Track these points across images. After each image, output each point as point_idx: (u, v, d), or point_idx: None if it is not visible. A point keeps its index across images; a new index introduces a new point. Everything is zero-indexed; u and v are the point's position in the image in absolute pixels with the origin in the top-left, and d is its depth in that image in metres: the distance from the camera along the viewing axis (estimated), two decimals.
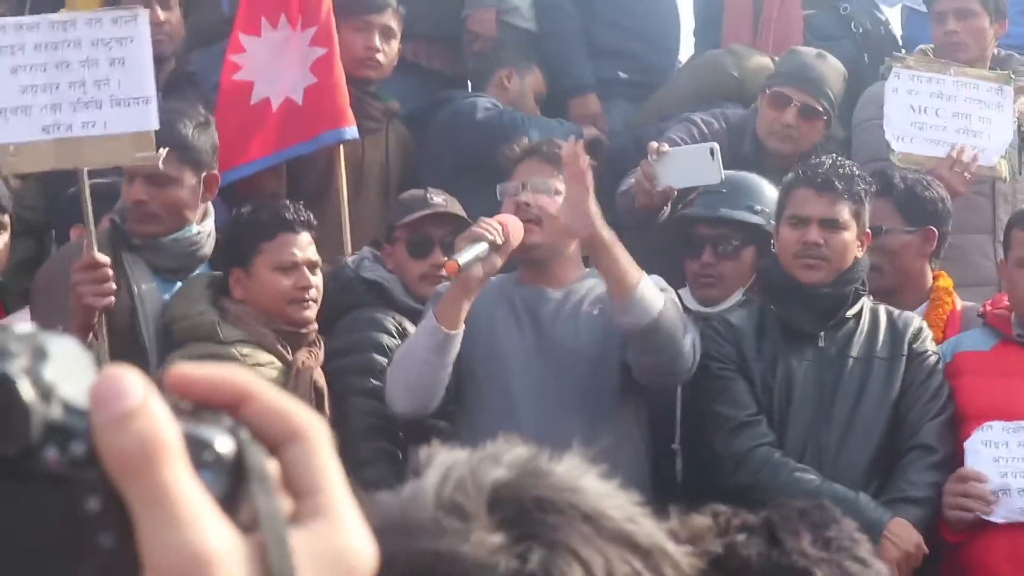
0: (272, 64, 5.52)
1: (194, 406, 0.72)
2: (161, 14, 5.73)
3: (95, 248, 4.48)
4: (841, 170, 4.74)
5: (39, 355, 0.70)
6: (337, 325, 4.83)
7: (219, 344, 4.48)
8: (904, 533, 4.50)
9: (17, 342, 0.70)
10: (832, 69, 5.78)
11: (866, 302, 4.76)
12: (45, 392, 0.69)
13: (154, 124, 4.50)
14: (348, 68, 5.60)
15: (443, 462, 1.03)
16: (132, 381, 0.70)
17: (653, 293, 4.34)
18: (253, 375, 0.75)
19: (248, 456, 0.72)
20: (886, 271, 5.08)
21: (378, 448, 4.66)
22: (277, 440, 0.73)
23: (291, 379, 4.48)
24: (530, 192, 4.55)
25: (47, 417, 0.69)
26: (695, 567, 1.08)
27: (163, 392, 0.72)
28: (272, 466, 0.73)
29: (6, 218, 5.05)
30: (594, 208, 4.29)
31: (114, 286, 4.47)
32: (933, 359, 4.71)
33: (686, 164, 4.96)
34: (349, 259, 5.06)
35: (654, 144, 5.08)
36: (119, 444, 0.69)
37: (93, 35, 4.49)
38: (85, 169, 4.56)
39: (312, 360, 4.59)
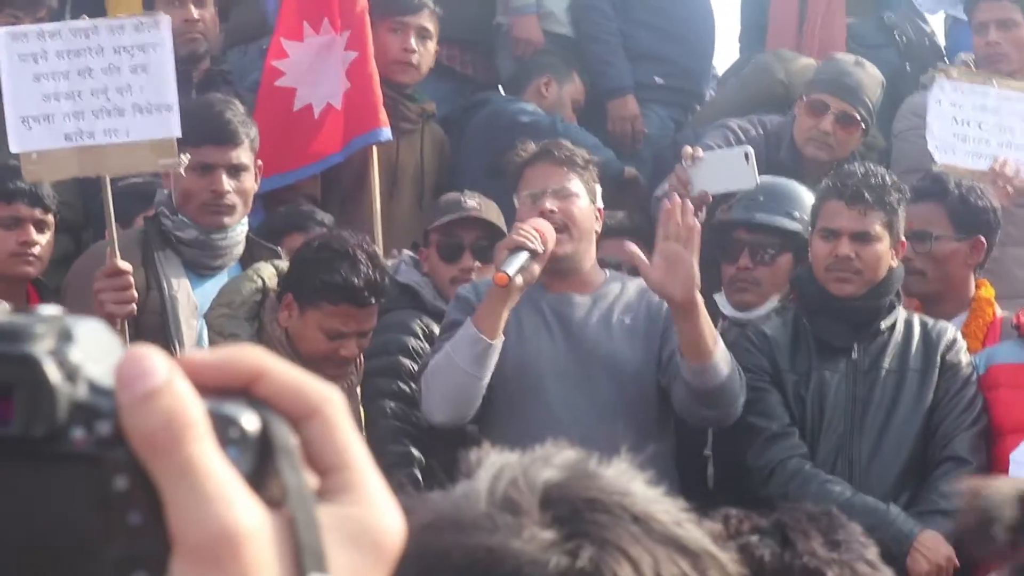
0: (314, 69, 5.50)
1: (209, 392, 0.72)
2: (195, 12, 5.72)
3: (117, 255, 4.43)
4: (872, 180, 4.68)
5: (64, 336, 0.70)
6: None
7: None
8: (935, 545, 4.47)
9: (43, 324, 0.71)
10: (870, 77, 5.75)
11: (900, 313, 4.74)
12: (71, 373, 0.70)
13: (176, 131, 4.43)
14: (383, 70, 5.59)
15: (495, 463, 1.04)
16: (157, 360, 0.70)
17: (725, 356, 4.32)
18: (263, 351, 0.74)
19: (274, 432, 0.72)
20: (930, 277, 5.05)
21: (403, 451, 4.66)
22: (295, 415, 0.73)
23: None
24: (552, 197, 4.49)
25: (73, 397, 0.70)
26: (741, 574, 1.09)
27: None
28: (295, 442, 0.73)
29: (50, 217, 5.06)
30: (695, 271, 4.21)
31: (136, 294, 4.41)
32: (967, 370, 4.69)
33: (721, 169, 4.95)
34: (388, 263, 5.03)
35: (688, 149, 5.08)
36: (145, 422, 0.69)
37: (115, 42, 4.43)
38: (107, 177, 4.51)
39: (343, 385, 4.44)
